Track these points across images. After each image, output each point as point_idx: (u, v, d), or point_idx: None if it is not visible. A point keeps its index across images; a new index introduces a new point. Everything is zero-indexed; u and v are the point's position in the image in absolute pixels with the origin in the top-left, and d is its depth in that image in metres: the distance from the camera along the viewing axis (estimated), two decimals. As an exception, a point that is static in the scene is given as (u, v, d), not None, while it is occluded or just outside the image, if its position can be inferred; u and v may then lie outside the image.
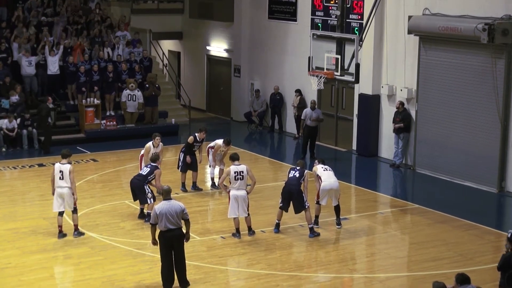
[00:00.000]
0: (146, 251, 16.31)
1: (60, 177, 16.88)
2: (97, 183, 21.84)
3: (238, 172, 17.07)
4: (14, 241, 16.94)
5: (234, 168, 17.12)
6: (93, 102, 27.56)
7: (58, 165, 17.05)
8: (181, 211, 14.04)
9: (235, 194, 17.03)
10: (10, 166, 23.73)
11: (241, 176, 17.05)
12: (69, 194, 16.92)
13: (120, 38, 30.21)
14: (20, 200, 20.07)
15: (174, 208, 13.99)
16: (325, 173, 17.92)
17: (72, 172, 16.97)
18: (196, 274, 15.08)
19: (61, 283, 14.65)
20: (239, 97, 31.27)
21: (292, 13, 28.65)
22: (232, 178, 17.03)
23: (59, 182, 16.89)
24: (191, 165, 20.79)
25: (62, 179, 16.86)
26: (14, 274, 15.04)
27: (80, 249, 16.48)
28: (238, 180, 17.03)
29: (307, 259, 16.61)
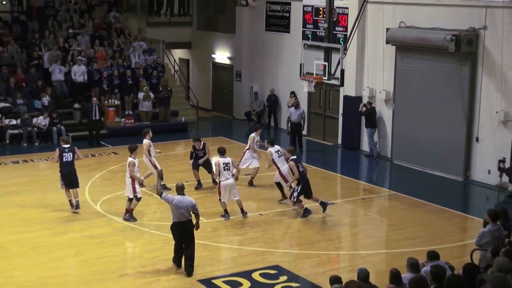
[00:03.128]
0: (160, 231, 16.29)
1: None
2: (117, 173, 21.79)
3: (226, 164, 17.21)
4: (45, 223, 16.91)
5: (222, 160, 17.28)
6: (114, 103, 27.54)
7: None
8: (192, 206, 13.80)
9: (224, 184, 17.11)
10: (42, 158, 23.69)
11: (228, 167, 17.19)
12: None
13: (137, 48, 30.15)
14: (51, 188, 19.99)
15: (186, 203, 13.74)
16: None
17: (131, 165, 17.02)
18: (204, 252, 15.06)
19: (86, 259, 14.60)
20: (240, 98, 31.20)
21: (286, 26, 28.59)
22: (222, 169, 17.11)
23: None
24: (205, 167, 20.30)
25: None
26: (45, 252, 15.02)
27: (103, 230, 16.45)
28: (226, 171, 17.12)
29: (299, 238, 16.57)
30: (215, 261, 14.60)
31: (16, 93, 26.62)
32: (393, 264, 12.98)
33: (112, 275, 13.76)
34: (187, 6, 34.36)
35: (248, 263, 14.46)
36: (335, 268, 14.30)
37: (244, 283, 13.40)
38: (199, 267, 14.17)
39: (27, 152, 24.49)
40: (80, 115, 27.34)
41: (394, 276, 10.23)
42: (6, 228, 16.46)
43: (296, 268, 14.25)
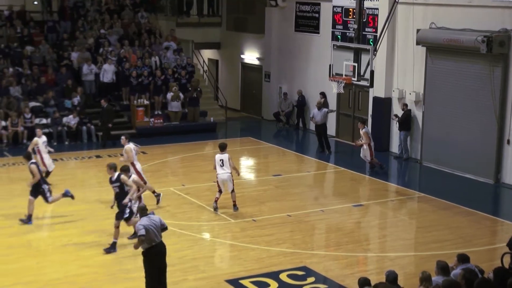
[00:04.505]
0: (187, 231, 16.32)
1: (221, 164, 17.48)
2: (146, 173, 21.75)
3: (221, 160, 17.58)
4: (75, 222, 17.02)
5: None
6: (143, 103, 27.65)
7: (218, 155, 17.60)
8: (161, 224, 12.41)
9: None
10: (72, 157, 23.88)
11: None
12: (229, 178, 17.57)
13: (167, 48, 30.27)
14: (80, 187, 20.14)
15: (155, 222, 12.33)
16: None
17: (230, 159, 17.55)
18: (231, 252, 15.07)
19: (114, 258, 14.66)
20: (269, 99, 31.17)
21: (315, 27, 28.51)
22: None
23: (220, 169, 17.51)
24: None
25: (222, 166, 17.47)
26: (73, 250, 15.10)
27: (131, 229, 16.44)
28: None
29: (327, 240, 16.53)
30: (243, 261, 14.56)
31: (47, 93, 26.87)
32: (422, 266, 12.90)
33: (140, 273, 13.74)
34: (216, 7, 34.44)
35: (275, 263, 14.42)
36: (363, 270, 14.21)
37: (271, 284, 13.37)
38: (226, 267, 14.16)
39: (57, 151, 24.64)
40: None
41: (428, 278, 10.16)
42: (37, 227, 16.59)
43: (323, 269, 14.18)
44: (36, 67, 28.00)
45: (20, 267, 14.04)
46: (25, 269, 13.93)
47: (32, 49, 28.88)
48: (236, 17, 32.98)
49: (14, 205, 18.23)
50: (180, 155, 24.36)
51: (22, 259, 14.48)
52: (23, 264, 14.22)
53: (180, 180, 20.94)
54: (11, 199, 18.85)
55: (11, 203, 18.45)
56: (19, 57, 28.33)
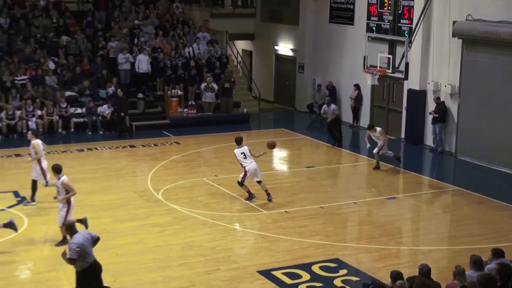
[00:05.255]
0: (220, 221, 16.40)
1: (244, 157, 17.87)
2: (179, 162, 22.02)
3: (241, 153, 17.87)
4: (108, 210, 17.18)
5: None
6: (177, 93, 27.78)
7: (237, 150, 18.01)
8: (92, 237, 11.61)
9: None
10: (106, 146, 24.09)
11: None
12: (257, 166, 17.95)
13: (201, 39, 30.36)
14: (114, 176, 20.33)
15: (87, 237, 11.48)
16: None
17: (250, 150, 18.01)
18: (263, 243, 15.11)
19: (147, 247, 14.78)
20: (302, 90, 31.14)
21: (350, 18, 28.37)
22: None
23: (245, 161, 17.85)
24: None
25: (245, 158, 17.87)
26: (107, 238, 15.19)
27: (164, 218, 16.64)
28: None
29: (359, 232, 16.52)
30: (275, 252, 14.59)
31: (82, 82, 27.13)
32: (455, 260, 12.83)
33: (173, 263, 13.92)
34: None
35: (307, 255, 14.44)
36: (396, 263, 14.16)
37: (303, 275, 13.39)
38: (258, 258, 14.21)
39: (91, 140, 24.94)
40: (144, 105, 27.70)
41: (461, 272, 10.11)
42: (72, 214, 16.72)
43: (356, 262, 14.16)
44: (72, 57, 28.28)
45: (55, 254, 14.18)
46: (59, 256, 14.08)
47: (67, 39, 29.17)
48: (271, 8, 32.95)
49: (48, 193, 18.44)
50: (213, 146, 24.46)
51: (58, 246, 14.65)
52: (58, 251, 14.36)
53: (213, 171, 21.03)
54: (45, 187, 19.06)
55: (46, 191, 18.66)
56: (55, 47, 28.63)
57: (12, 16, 29.47)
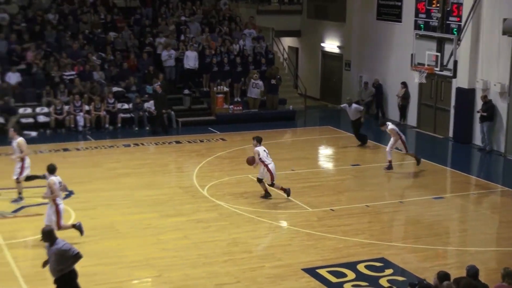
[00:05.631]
0: (265, 218, 16.42)
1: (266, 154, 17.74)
2: (225, 159, 22.10)
3: (264, 150, 17.75)
4: (154, 205, 17.31)
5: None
6: (223, 90, 27.88)
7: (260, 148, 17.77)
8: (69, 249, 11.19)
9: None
10: (152, 142, 24.30)
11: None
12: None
13: (247, 35, 30.41)
14: (160, 171, 20.49)
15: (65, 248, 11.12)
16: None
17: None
18: (308, 241, 15.08)
19: (192, 242, 14.86)
20: (348, 88, 31.00)
21: (397, 15, 28.14)
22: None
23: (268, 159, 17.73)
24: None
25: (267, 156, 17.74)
26: (153, 233, 15.39)
27: (209, 214, 16.71)
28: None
29: (405, 232, 16.38)
30: (320, 250, 14.56)
31: (129, 78, 27.39)
32: (504, 262, 12.66)
33: (218, 259, 13.98)
34: (297, -6, 34.45)
35: (353, 254, 14.38)
36: (442, 264, 14.00)
37: (348, 274, 13.34)
38: (303, 255, 14.19)
39: (138, 136, 25.18)
40: (190, 101, 27.86)
41: (510, 274, 9.98)
42: (117, 209, 16.96)
43: (402, 261, 14.05)
44: (119, 53, 28.58)
45: (102, 248, 14.41)
46: (106, 250, 14.28)
47: (115, 35, 29.48)
48: (317, 4, 32.87)
49: (95, 187, 18.71)
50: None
51: (104, 240, 14.86)
52: (104, 245, 14.58)
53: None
54: (92, 181, 19.34)
55: (93, 185, 18.93)
56: (102, 43, 28.96)
57: (61, 12, 29.88)
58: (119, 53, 28.58)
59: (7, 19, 28.69)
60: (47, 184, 14.47)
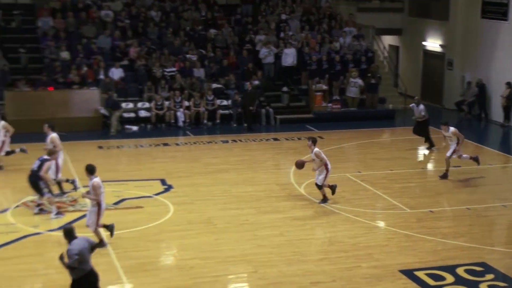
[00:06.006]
0: (362, 218, 16.26)
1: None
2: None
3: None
4: (251, 202, 17.41)
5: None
6: (321, 87, 27.82)
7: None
8: (89, 243, 10.75)
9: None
10: (250, 139, 24.46)
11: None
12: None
13: (347, 33, 30.22)
14: (258, 168, 20.59)
15: (84, 243, 10.63)
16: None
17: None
18: (406, 242, 14.84)
19: (288, 240, 14.86)
20: (450, 87, 30.37)
21: (503, 13, 27.35)
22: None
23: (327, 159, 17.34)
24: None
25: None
26: (250, 229, 15.47)
27: (306, 212, 16.68)
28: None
29: (508, 236, 15.87)
30: (418, 252, 14.30)
31: (229, 75, 27.66)
32: None
33: (313, 257, 13.93)
34: (399, -8, 33.97)
35: (452, 257, 14.05)
36: (548, 271, 13.52)
37: (447, 277, 13.04)
38: (401, 257, 13.97)
39: (236, 132, 25.41)
40: (288, 99, 27.91)
41: None
42: (215, 205, 17.14)
43: (504, 267, 13.61)
44: (219, 50, 28.91)
45: (199, 242, 14.60)
46: (203, 244, 14.46)
47: (215, 32, 29.83)
48: (419, 2, 32.33)
49: (194, 182, 18.98)
50: (356, 142, 24.29)
51: (201, 235, 15.04)
52: (201, 239, 14.77)
53: (356, 167, 20.88)
54: (190, 176, 19.62)
55: (191, 180, 19.21)
56: (203, 40, 29.36)
57: (163, 10, 30.47)
58: (219, 50, 28.91)
59: (111, 16, 29.47)
60: (90, 185, 14.01)
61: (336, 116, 27.33)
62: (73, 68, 26.49)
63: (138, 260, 13.53)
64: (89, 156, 20.57)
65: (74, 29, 28.74)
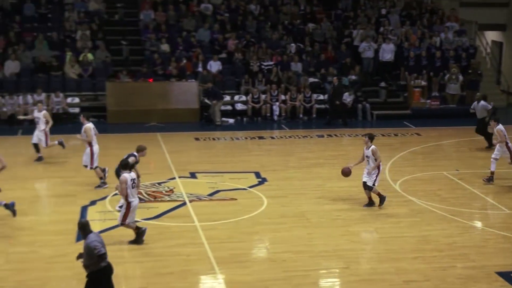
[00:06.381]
0: (458, 217, 15.92)
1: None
2: (419, 154, 21.69)
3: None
4: (345, 197, 17.24)
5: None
6: (420, 83, 27.41)
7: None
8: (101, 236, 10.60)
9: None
10: (345, 134, 24.34)
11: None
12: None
13: (448, 28, 29.63)
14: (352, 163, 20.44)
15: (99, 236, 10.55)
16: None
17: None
18: (504, 243, 14.40)
19: (381, 237, 14.70)
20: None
21: None
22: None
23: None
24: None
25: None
26: (343, 225, 15.37)
27: (400, 210, 16.45)
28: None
29: None
30: (517, 255, 13.92)
31: (328, 69, 27.55)
32: None
33: (407, 255, 13.73)
34: (505, -14, 33.08)
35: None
36: None
37: (547, 282, 12.63)
38: (498, 258, 13.61)
39: (332, 127, 25.32)
40: (386, 94, 27.63)
41: None
42: (309, 199, 17.12)
43: None
44: (317, 44, 28.86)
45: (292, 236, 14.62)
46: (296, 238, 14.48)
47: (314, 26, 29.79)
48: (527, -3, 31.43)
49: (288, 176, 19.02)
50: (455, 139, 23.81)
51: (294, 228, 15.06)
52: (294, 233, 14.79)
53: (454, 165, 20.44)
54: (285, 170, 19.68)
55: (285, 174, 19.27)
56: (301, 34, 29.38)
57: (262, 3, 30.64)
58: (318, 44, 28.86)
59: (211, 9, 29.86)
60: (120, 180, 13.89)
61: (435, 112, 26.88)
62: (173, 61, 27.00)
63: (231, 251, 13.67)
64: (185, 147, 20.94)
65: (175, 22, 29.29)
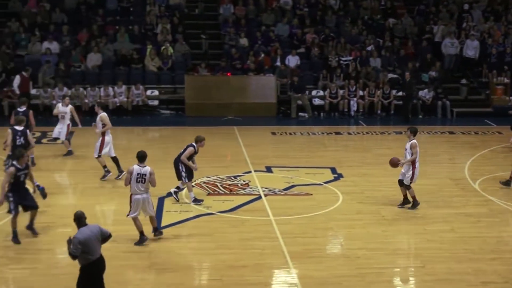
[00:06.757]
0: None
1: None
2: (500, 153, 21.19)
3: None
4: (423, 195, 16.74)
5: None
6: (503, 81, 26.81)
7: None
8: (101, 232, 10.43)
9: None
10: (424, 131, 23.97)
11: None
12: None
13: (535, 24, 28.91)
14: (431, 161, 20.11)
15: (94, 231, 10.33)
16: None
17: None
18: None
19: (459, 236, 14.40)
20: None
21: None
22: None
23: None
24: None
25: None
26: (419, 223, 15.06)
27: (479, 209, 16.09)
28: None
29: None
30: None
31: (408, 65, 27.15)
32: None
33: (485, 256, 13.43)
34: None
35: None
36: None
37: None
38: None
39: (410, 123, 24.88)
40: (467, 91, 27.11)
41: None
42: (385, 196, 16.78)
43: None
44: (397, 39, 28.51)
45: (367, 233, 14.49)
46: (371, 235, 14.34)
47: (394, 21, 29.45)
48: None
49: (364, 172, 18.86)
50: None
51: (369, 225, 14.91)
52: (369, 230, 14.65)
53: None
54: (361, 166, 19.53)
55: (362, 170, 19.11)
56: (381, 29, 29.08)
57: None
58: (398, 39, 28.51)
59: (290, 4, 29.84)
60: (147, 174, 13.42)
61: (518, 110, 26.24)
62: (251, 55, 27.10)
63: (305, 246, 13.65)
64: (262, 141, 20.99)
65: (254, 16, 29.39)
